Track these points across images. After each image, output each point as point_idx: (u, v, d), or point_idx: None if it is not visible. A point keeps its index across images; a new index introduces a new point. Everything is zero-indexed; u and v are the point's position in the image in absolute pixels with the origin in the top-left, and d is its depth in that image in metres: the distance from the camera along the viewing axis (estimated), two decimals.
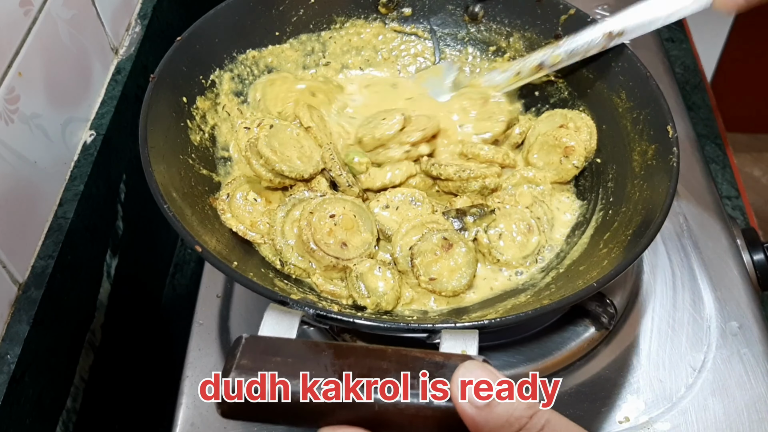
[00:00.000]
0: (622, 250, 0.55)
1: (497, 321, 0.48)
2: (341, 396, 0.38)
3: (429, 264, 0.60)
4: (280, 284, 0.58)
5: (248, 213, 0.64)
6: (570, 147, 0.68)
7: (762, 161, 2.09)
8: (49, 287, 0.63)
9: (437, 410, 0.38)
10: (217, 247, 0.56)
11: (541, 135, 0.71)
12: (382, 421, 0.38)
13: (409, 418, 0.38)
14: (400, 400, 0.38)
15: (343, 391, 0.38)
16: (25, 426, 0.59)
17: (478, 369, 0.38)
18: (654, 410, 0.63)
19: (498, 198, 0.67)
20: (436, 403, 0.38)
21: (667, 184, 0.57)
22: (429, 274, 0.60)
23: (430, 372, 0.39)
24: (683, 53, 1.09)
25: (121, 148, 0.79)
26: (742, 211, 0.93)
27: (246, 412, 0.39)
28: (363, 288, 0.58)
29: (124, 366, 0.80)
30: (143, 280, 0.87)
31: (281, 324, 0.46)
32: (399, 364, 0.40)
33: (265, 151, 0.63)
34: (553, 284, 0.59)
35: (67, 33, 0.72)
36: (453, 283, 0.60)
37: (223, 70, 0.70)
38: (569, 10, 0.71)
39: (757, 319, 0.69)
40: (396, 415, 0.38)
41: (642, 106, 0.64)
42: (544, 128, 0.72)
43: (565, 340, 0.65)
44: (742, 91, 1.89)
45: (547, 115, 0.73)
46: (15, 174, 0.62)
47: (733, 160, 0.99)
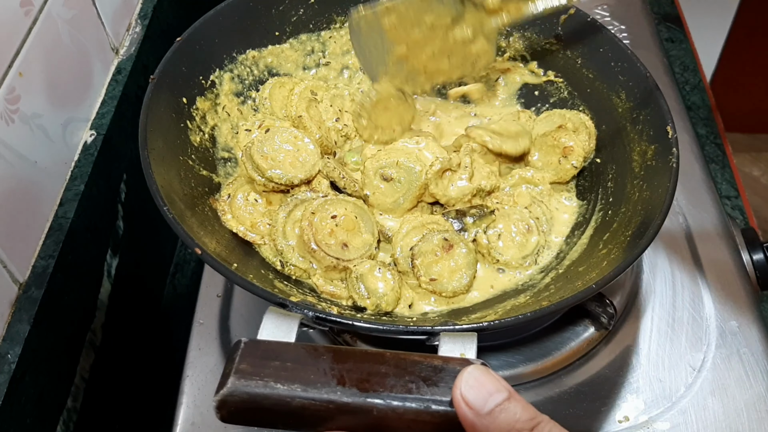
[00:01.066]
0: (622, 251, 0.55)
1: (496, 323, 0.48)
2: (340, 401, 0.38)
3: (430, 265, 0.61)
4: (279, 286, 0.58)
5: (249, 214, 0.64)
6: (569, 147, 0.68)
7: (761, 161, 2.10)
8: (50, 287, 0.63)
9: (436, 415, 0.38)
10: (216, 248, 0.56)
11: (540, 136, 0.71)
12: (381, 426, 0.38)
13: (408, 422, 0.38)
14: (398, 404, 0.38)
15: (342, 396, 0.38)
16: (25, 425, 0.60)
17: (482, 375, 0.38)
18: (654, 410, 0.63)
19: (497, 199, 0.67)
20: (434, 408, 0.38)
21: (667, 184, 0.57)
22: (430, 275, 0.60)
23: (429, 376, 0.39)
24: (683, 53, 1.09)
25: (122, 148, 0.79)
26: (741, 211, 0.93)
27: (245, 417, 0.39)
28: (363, 289, 0.58)
29: (124, 366, 0.80)
30: (144, 279, 0.87)
31: (280, 327, 0.46)
32: (397, 368, 0.40)
33: (257, 158, 0.63)
34: (553, 285, 0.59)
35: (67, 33, 0.72)
36: (453, 284, 0.60)
37: (223, 70, 0.70)
38: (569, 10, 0.71)
39: (757, 319, 0.69)
40: (395, 420, 0.38)
41: (642, 107, 0.64)
42: (542, 129, 0.72)
43: (564, 340, 0.65)
44: (742, 91, 1.89)
45: (546, 116, 0.73)
46: (16, 174, 0.62)
47: (733, 160, 0.99)
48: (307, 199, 0.63)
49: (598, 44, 0.68)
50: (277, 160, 0.64)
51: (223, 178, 0.67)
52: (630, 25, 1.00)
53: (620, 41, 0.67)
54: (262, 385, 0.39)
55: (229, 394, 0.38)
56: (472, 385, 0.38)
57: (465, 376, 0.38)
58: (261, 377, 0.39)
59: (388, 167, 0.66)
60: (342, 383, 0.39)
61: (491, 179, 0.67)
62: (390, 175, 0.65)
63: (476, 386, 0.37)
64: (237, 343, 0.41)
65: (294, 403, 0.38)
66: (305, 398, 0.38)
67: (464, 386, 0.38)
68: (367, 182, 0.66)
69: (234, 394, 0.39)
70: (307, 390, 0.39)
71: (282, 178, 0.64)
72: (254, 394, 0.38)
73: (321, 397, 0.38)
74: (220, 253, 0.55)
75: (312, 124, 0.69)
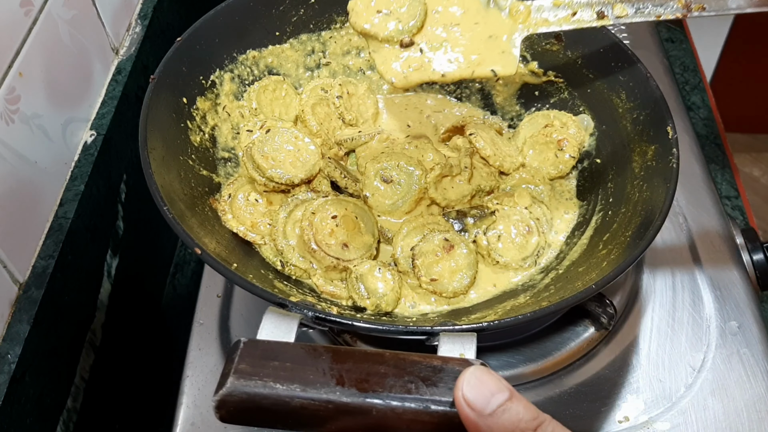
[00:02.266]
0: (622, 252, 0.55)
1: (495, 323, 0.48)
2: (339, 401, 0.38)
3: (430, 265, 0.61)
4: (279, 286, 0.58)
5: (249, 214, 0.64)
6: (562, 140, 0.69)
7: (761, 161, 2.10)
8: (50, 287, 0.63)
9: (435, 415, 0.38)
10: (216, 248, 0.56)
11: (529, 137, 0.71)
12: (380, 426, 0.38)
13: (407, 423, 0.38)
14: (397, 404, 0.38)
15: (341, 396, 0.38)
16: (25, 425, 0.60)
17: (483, 375, 0.38)
18: (654, 410, 0.63)
19: (497, 199, 0.67)
20: (433, 408, 0.38)
21: (667, 185, 0.57)
22: (430, 275, 0.60)
23: (428, 376, 0.39)
24: (683, 53, 1.09)
25: (122, 148, 0.79)
26: (741, 211, 0.93)
27: (244, 417, 0.39)
28: (363, 289, 0.58)
29: (124, 366, 0.80)
30: (144, 279, 0.87)
31: (280, 327, 0.46)
32: (397, 369, 0.40)
33: (257, 158, 0.64)
34: (552, 285, 0.59)
35: (67, 33, 0.72)
36: (454, 284, 0.60)
37: (224, 70, 0.70)
38: None
39: (757, 319, 0.69)
40: (394, 420, 0.38)
41: (642, 107, 0.64)
42: (529, 132, 0.72)
43: (565, 341, 0.65)
44: (742, 91, 1.89)
45: (528, 119, 0.74)
46: (15, 174, 0.62)
47: (733, 160, 0.99)
48: (308, 200, 0.63)
49: (599, 44, 0.68)
50: (277, 160, 0.64)
51: (223, 178, 0.67)
52: (630, 25, 1.00)
53: (621, 42, 0.67)
54: (261, 385, 0.39)
55: (228, 394, 0.38)
56: (473, 386, 0.37)
57: (466, 377, 0.38)
58: (260, 377, 0.39)
59: (389, 169, 0.66)
60: (341, 383, 0.39)
61: (490, 180, 0.67)
62: (390, 177, 0.65)
63: (478, 386, 0.37)
64: (236, 343, 0.41)
65: (293, 403, 0.38)
66: (304, 398, 0.38)
67: (466, 387, 0.38)
68: (367, 183, 0.66)
69: (233, 394, 0.38)
70: (306, 390, 0.39)
71: (282, 177, 0.64)
72: (253, 394, 0.38)
73: (320, 397, 0.38)
74: (219, 253, 0.55)
75: (314, 120, 0.69)
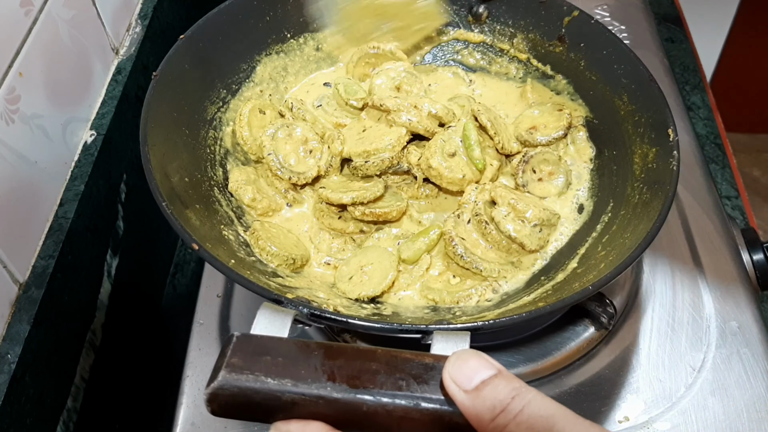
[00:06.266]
0: (620, 253, 0.55)
1: (491, 323, 0.48)
2: (330, 396, 0.38)
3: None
4: (276, 282, 0.58)
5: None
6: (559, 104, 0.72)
7: (762, 161, 2.10)
8: (50, 287, 0.63)
9: (425, 413, 0.38)
10: (214, 246, 0.55)
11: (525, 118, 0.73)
12: (370, 423, 0.39)
13: (397, 420, 0.38)
14: (388, 401, 0.38)
15: (332, 391, 0.39)
16: (25, 425, 0.60)
17: (471, 356, 0.38)
18: (654, 410, 0.63)
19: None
20: (423, 406, 0.38)
21: (667, 187, 0.57)
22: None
23: (420, 374, 0.40)
24: (683, 53, 1.09)
25: (122, 148, 0.79)
26: (741, 211, 0.93)
27: (235, 411, 0.39)
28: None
29: (124, 366, 0.80)
30: (144, 279, 0.87)
31: (274, 323, 0.46)
32: (388, 366, 0.40)
33: (268, 159, 0.65)
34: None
35: (67, 33, 0.72)
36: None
37: (226, 68, 0.70)
38: (573, 12, 0.71)
39: (757, 319, 0.69)
40: (384, 417, 0.38)
41: (644, 110, 0.64)
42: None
43: (564, 340, 0.65)
44: (742, 91, 1.90)
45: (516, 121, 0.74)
46: (15, 174, 0.62)
47: (733, 160, 0.99)
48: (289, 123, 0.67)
49: (602, 46, 0.68)
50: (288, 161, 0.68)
51: (223, 178, 0.67)
52: (630, 26, 1.00)
53: (623, 43, 0.67)
54: (252, 379, 0.39)
55: (219, 388, 0.39)
56: (458, 365, 0.38)
57: (453, 357, 0.39)
58: (252, 371, 0.39)
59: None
60: (332, 379, 0.39)
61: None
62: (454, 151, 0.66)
63: (462, 365, 0.38)
64: (229, 338, 0.41)
65: (284, 398, 0.38)
66: (295, 393, 0.38)
67: (451, 365, 0.38)
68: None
69: (224, 387, 0.39)
70: (297, 385, 0.39)
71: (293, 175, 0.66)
72: (245, 388, 0.39)
73: (311, 393, 0.38)
74: (217, 250, 0.55)
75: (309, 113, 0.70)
